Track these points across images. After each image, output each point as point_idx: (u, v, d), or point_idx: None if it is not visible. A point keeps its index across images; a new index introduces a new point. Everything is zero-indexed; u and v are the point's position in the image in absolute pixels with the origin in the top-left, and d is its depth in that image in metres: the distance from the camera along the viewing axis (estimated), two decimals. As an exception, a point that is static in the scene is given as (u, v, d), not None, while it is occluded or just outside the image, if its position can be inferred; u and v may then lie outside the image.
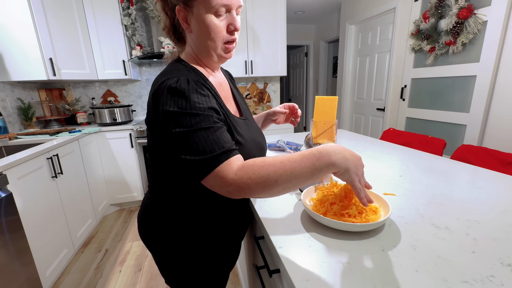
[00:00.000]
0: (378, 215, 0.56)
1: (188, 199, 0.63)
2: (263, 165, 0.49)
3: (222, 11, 0.55)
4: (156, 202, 0.66)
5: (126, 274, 1.63)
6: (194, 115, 0.50)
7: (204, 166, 0.49)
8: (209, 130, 0.50)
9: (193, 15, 0.56)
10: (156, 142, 0.59)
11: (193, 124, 0.50)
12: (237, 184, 0.48)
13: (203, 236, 0.66)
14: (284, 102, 5.91)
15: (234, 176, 0.48)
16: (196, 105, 0.51)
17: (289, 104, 0.92)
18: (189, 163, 0.50)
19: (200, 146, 0.49)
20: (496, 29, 1.68)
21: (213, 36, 0.57)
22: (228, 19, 0.57)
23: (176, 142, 0.51)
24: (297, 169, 0.48)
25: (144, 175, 2.43)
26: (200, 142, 0.49)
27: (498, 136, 1.77)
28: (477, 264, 0.44)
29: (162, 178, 0.63)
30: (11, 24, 1.82)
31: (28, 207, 1.33)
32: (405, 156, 1.10)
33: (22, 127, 2.19)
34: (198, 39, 0.59)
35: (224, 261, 0.73)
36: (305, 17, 4.08)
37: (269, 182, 0.48)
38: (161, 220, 0.65)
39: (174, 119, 0.50)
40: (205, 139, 0.49)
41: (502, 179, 0.82)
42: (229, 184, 0.49)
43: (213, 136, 0.50)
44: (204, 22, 0.55)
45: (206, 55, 0.62)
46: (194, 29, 0.58)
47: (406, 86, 2.47)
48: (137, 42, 2.42)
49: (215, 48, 0.59)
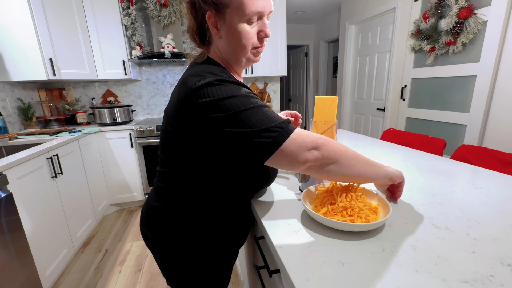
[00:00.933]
0: (378, 215, 0.56)
1: (201, 202, 0.62)
2: (346, 149, 0.55)
3: (254, 18, 0.56)
4: (165, 205, 0.65)
5: (126, 274, 1.63)
6: (250, 97, 0.52)
7: (284, 129, 0.50)
8: (264, 107, 0.53)
9: (225, 21, 0.56)
10: (180, 140, 0.56)
11: (253, 102, 0.51)
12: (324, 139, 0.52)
13: (209, 240, 0.66)
14: (284, 102, 5.91)
15: (317, 143, 0.52)
16: (246, 90, 0.54)
17: (292, 112, 0.93)
18: (258, 135, 0.49)
19: (267, 117, 0.50)
20: (496, 29, 1.68)
21: (244, 42, 0.57)
22: (259, 25, 0.58)
23: (236, 122, 0.49)
24: (365, 164, 0.57)
25: (144, 175, 2.43)
26: (265, 114, 0.51)
27: (498, 136, 1.77)
28: (477, 264, 0.44)
29: (176, 179, 0.62)
30: (11, 24, 1.82)
31: (28, 207, 1.33)
32: (405, 156, 1.10)
33: (22, 127, 2.19)
34: (228, 44, 0.59)
35: (226, 263, 0.73)
36: (305, 17, 4.08)
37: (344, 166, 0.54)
38: (169, 223, 0.64)
39: (228, 104, 0.49)
40: (267, 113, 0.52)
41: (502, 179, 0.82)
42: (316, 139, 0.51)
43: (271, 111, 0.53)
44: (236, 30, 0.56)
45: (234, 59, 0.62)
46: (225, 35, 0.58)
47: (406, 86, 2.47)
48: (137, 42, 2.42)
49: (245, 53, 0.60)
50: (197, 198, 0.62)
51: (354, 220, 0.54)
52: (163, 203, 0.65)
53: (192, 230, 0.64)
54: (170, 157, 0.61)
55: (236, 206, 0.67)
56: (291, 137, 0.50)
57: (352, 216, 0.55)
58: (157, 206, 0.66)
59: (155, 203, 0.66)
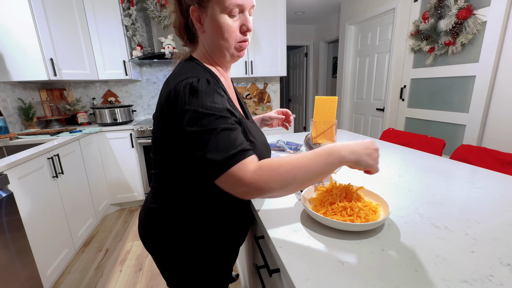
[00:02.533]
0: (378, 215, 0.57)
1: (194, 201, 0.63)
2: (280, 163, 0.50)
3: (235, 11, 0.57)
4: (161, 206, 0.65)
5: (127, 273, 1.63)
6: (214, 116, 0.51)
7: (219, 165, 0.49)
8: (227, 131, 0.51)
9: (207, 15, 0.57)
10: (167, 141, 0.58)
11: (211, 124, 0.50)
12: (255, 183, 0.48)
13: (207, 240, 0.66)
14: (284, 102, 5.92)
15: (253, 175, 0.48)
16: (215, 106, 0.52)
17: (283, 110, 0.95)
18: (205, 162, 0.50)
19: (217, 146, 0.49)
20: (495, 30, 1.68)
21: (226, 36, 0.58)
22: (241, 19, 0.59)
23: (193, 140, 0.51)
24: (313, 165, 0.50)
25: (145, 175, 2.44)
26: (218, 142, 0.50)
27: (497, 136, 1.77)
28: (477, 264, 0.44)
29: (168, 179, 0.62)
30: (12, 24, 1.82)
31: (29, 207, 1.33)
32: (404, 156, 1.11)
33: (23, 127, 2.19)
34: (212, 39, 0.60)
35: (225, 263, 0.73)
36: (305, 18, 4.09)
37: (287, 179, 0.49)
38: (165, 225, 0.64)
39: (193, 118, 0.50)
40: (222, 139, 0.50)
41: (501, 179, 0.83)
42: (247, 184, 0.48)
43: (230, 136, 0.51)
44: (218, 22, 0.57)
45: (219, 54, 0.62)
46: (208, 29, 0.59)
47: (406, 86, 2.47)
48: (137, 43, 2.43)
49: (228, 47, 0.60)
50: (190, 197, 0.62)
51: (354, 219, 0.54)
52: (158, 205, 0.65)
53: (188, 230, 0.64)
54: (161, 158, 0.62)
55: (230, 204, 0.67)
56: (232, 170, 0.48)
57: (352, 216, 0.55)
58: (153, 207, 0.66)
59: (151, 205, 0.67)
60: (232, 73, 2.70)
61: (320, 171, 0.51)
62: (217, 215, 0.66)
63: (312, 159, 0.51)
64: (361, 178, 0.87)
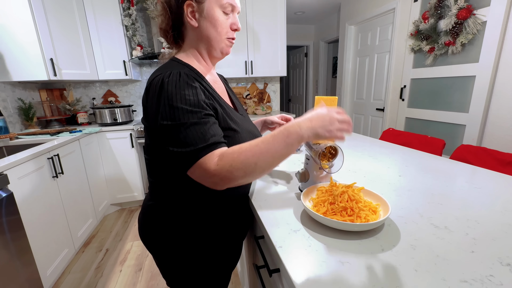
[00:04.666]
0: (378, 215, 0.57)
1: (187, 197, 0.63)
2: (241, 151, 0.51)
3: (228, 9, 0.63)
4: (156, 202, 0.66)
5: (127, 273, 1.63)
6: (183, 110, 0.52)
7: (188, 158, 0.51)
8: (197, 125, 0.52)
9: (203, 9, 0.61)
10: (151, 137, 0.61)
11: (181, 118, 0.52)
12: (219, 173, 0.50)
13: (205, 237, 0.66)
14: (284, 102, 5.92)
15: (216, 167, 0.50)
16: (185, 98, 0.53)
17: (286, 117, 0.95)
18: (176, 154, 0.52)
19: (186, 139, 0.51)
20: (495, 30, 1.68)
21: (220, 29, 0.63)
22: (232, 19, 0.65)
23: (164, 134, 0.53)
24: (272, 148, 0.52)
25: (145, 175, 2.44)
26: (187, 135, 0.52)
27: (497, 136, 1.77)
28: (477, 264, 0.44)
29: (159, 176, 0.64)
30: (12, 24, 1.82)
31: (29, 207, 1.33)
32: (404, 156, 1.11)
33: (23, 127, 2.19)
34: (205, 31, 0.63)
35: (226, 262, 0.73)
36: (305, 18, 4.09)
37: (249, 166, 0.51)
38: (162, 221, 0.65)
39: (165, 112, 0.52)
40: (192, 133, 0.52)
41: (501, 179, 0.83)
42: (212, 175, 0.51)
43: (200, 130, 0.52)
44: (213, 16, 0.61)
45: (209, 47, 0.65)
46: (202, 23, 0.62)
47: (406, 86, 2.47)
48: (137, 43, 2.43)
49: (219, 41, 0.64)
50: (184, 192, 0.63)
51: (354, 219, 0.54)
52: (155, 201, 0.67)
53: (184, 226, 0.64)
54: (151, 156, 0.64)
55: (225, 196, 0.67)
56: (199, 162, 0.51)
57: (352, 216, 0.55)
58: (150, 204, 0.68)
59: (149, 202, 0.69)
60: (232, 73, 2.70)
61: (281, 153, 0.52)
62: (211, 211, 0.66)
63: (270, 143, 0.52)
64: (361, 178, 0.87)
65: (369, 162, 1.03)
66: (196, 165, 0.51)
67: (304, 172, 0.72)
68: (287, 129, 0.53)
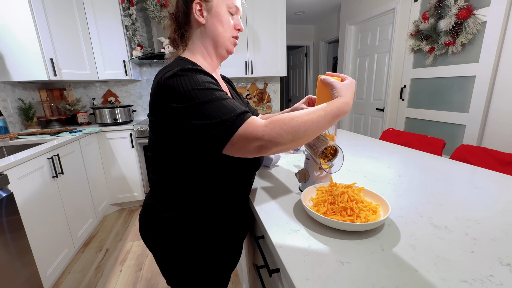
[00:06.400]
0: (378, 215, 0.57)
1: (188, 196, 0.63)
2: (292, 117, 0.52)
3: (233, 10, 0.66)
4: (157, 201, 0.66)
5: (127, 273, 1.63)
6: (206, 88, 0.53)
7: (227, 129, 0.50)
8: (226, 98, 0.53)
9: (212, 7, 0.64)
10: (161, 134, 0.59)
11: (208, 95, 0.52)
12: (270, 134, 0.50)
13: (205, 236, 0.66)
14: (284, 102, 5.91)
15: (265, 128, 0.50)
16: (205, 81, 0.54)
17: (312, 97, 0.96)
18: (213, 127, 0.50)
19: (222, 109, 0.51)
20: (495, 30, 1.68)
21: (226, 26, 0.66)
22: (235, 20, 0.68)
23: (194, 114, 0.51)
24: (321, 121, 0.54)
25: (145, 174, 2.44)
26: (220, 106, 0.51)
27: (497, 136, 1.77)
28: (476, 264, 0.44)
29: (162, 174, 0.64)
30: (12, 24, 1.82)
31: (29, 207, 1.33)
32: (404, 156, 1.11)
33: (23, 127, 2.19)
34: (212, 29, 0.65)
35: (225, 261, 0.73)
36: (305, 18, 4.09)
37: (300, 132, 0.52)
38: (163, 220, 0.65)
39: (188, 96, 0.51)
40: (224, 105, 0.52)
41: (501, 179, 0.83)
42: (260, 136, 0.50)
43: (230, 101, 0.53)
44: (220, 15, 0.64)
45: (215, 44, 0.67)
46: (209, 21, 0.65)
47: (406, 86, 2.47)
48: (137, 43, 2.43)
49: (225, 38, 0.67)
50: (186, 191, 0.63)
51: (354, 219, 0.54)
52: (155, 200, 0.67)
53: (185, 225, 0.64)
54: (157, 154, 0.64)
55: (226, 195, 0.67)
56: (242, 128, 0.50)
57: (352, 216, 0.55)
58: (150, 203, 0.68)
59: (149, 201, 0.69)
60: (232, 73, 2.70)
61: (325, 128, 0.56)
62: (211, 207, 0.66)
63: (321, 116, 0.54)
64: (361, 178, 0.87)
65: (369, 162, 1.03)
66: (238, 134, 0.50)
67: (304, 172, 0.72)
68: (339, 109, 0.56)
